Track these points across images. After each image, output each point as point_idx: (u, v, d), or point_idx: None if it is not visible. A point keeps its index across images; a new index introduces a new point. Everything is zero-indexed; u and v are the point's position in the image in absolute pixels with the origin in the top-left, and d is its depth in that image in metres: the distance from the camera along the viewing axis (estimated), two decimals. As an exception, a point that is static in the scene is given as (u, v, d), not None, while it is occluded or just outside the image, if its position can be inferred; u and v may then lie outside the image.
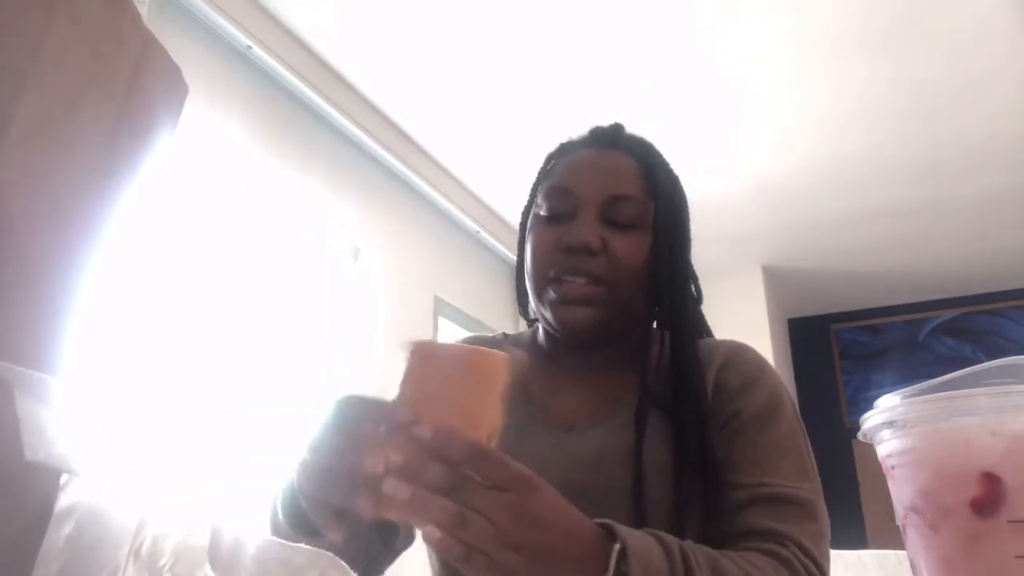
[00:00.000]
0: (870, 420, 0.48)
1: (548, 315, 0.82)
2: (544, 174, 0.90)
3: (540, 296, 0.83)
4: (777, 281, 3.75)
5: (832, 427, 3.95)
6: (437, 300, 2.72)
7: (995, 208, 3.06)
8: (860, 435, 0.49)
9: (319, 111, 2.16)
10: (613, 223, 0.81)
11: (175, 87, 0.45)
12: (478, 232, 3.00)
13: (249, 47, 1.87)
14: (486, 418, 0.55)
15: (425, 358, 0.57)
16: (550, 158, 0.92)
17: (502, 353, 0.57)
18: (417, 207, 2.67)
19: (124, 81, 0.41)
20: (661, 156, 0.89)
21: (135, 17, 0.43)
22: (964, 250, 3.49)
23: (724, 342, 0.88)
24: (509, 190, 2.88)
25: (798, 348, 4.21)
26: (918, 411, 0.44)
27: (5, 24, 0.36)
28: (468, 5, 1.91)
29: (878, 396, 0.48)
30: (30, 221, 0.35)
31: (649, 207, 0.83)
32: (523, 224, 0.91)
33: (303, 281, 2.03)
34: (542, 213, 0.85)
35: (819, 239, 3.35)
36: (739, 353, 0.86)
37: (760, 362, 0.86)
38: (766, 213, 3.08)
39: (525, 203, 0.92)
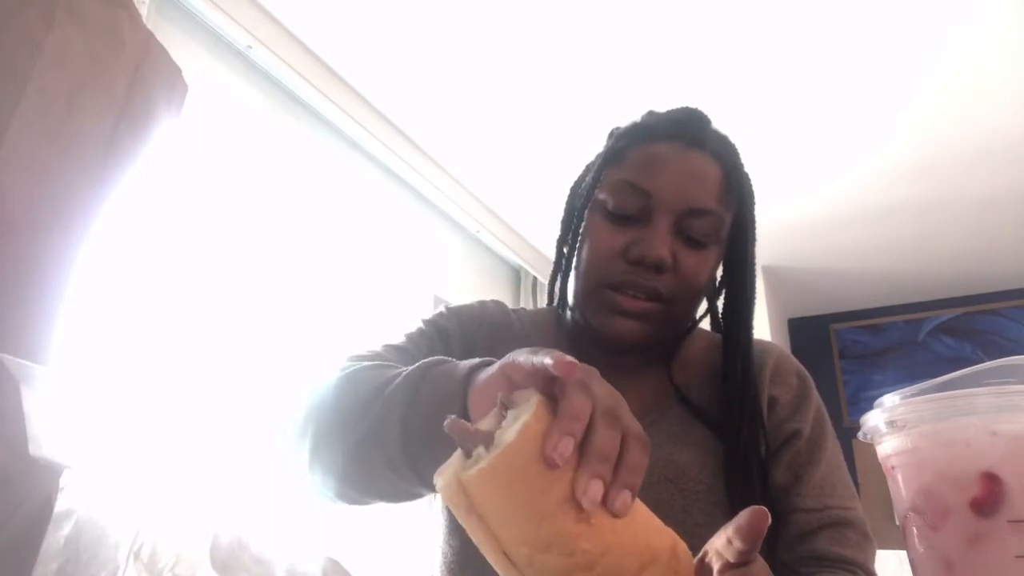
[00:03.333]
0: (870, 420, 0.48)
1: (594, 319, 0.77)
2: (613, 156, 0.80)
3: (591, 297, 0.77)
4: (777, 281, 3.75)
5: (832, 427, 3.94)
6: (437, 300, 2.72)
7: (995, 208, 3.06)
8: (860, 435, 0.49)
9: (319, 111, 2.16)
10: (687, 237, 0.75)
11: (175, 87, 0.45)
12: (478, 232, 3.00)
13: (249, 47, 1.87)
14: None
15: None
16: (621, 138, 0.81)
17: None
18: (417, 207, 2.67)
19: (124, 81, 0.41)
20: (741, 160, 0.82)
21: (135, 17, 0.43)
22: (964, 250, 3.49)
23: (764, 348, 0.84)
24: (509, 190, 2.87)
25: (798, 348, 4.21)
26: (918, 411, 0.44)
27: (5, 24, 0.36)
28: (470, 6, 1.91)
29: (878, 396, 0.48)
30: (30, 221, 0.35)
31: (725, 221, 0.78)
32: (575, 203, 0.83)
33: (301, 281, 2.03)
34: (608, 207, 0.76)
35: (819, 239, 3.35)
36: (783, 362, 0.83)
37: (801, 370, 0.83)
38: (766, 213, 3.08)
39: (578, 176, 0.85)
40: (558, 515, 0.39)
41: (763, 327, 3.47)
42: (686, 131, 0.79)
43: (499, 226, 3.11)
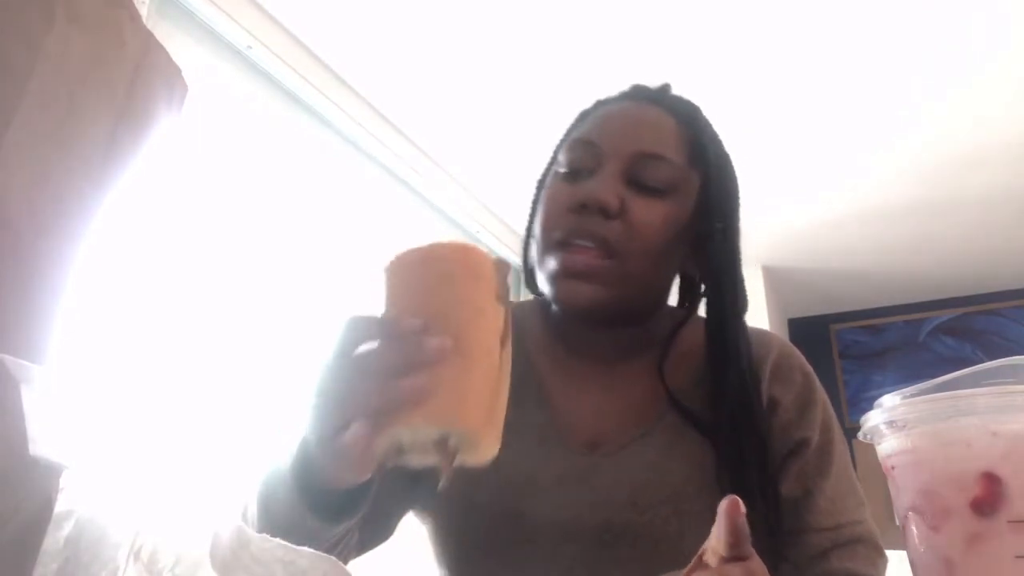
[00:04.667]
0: (870, 420, 0.48)
1: (548, 289, 0.72)
2: (572, 128, 0.80)
3: (542, 264, 0.72)
4: (777, 281, 3.74)
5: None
6: (437, 300, 2.71)
7: (995, 208, 3.06)
8: (860, 435, 0.49)
9: (319, 111, 2.16)
10: (639, 184, 0.69)
11: (175, 87, 0.45)
12: (478, 232, 3.00)
13: (249, 47, 1.87)
14: (492, 323, 0.49)
15: (404, 266, 0.50)
16: (583, 115, 0.81)
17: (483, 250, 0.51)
18: (417, 207, 2.67)
19: (124, 81, 0.41)
20: (711, 125, 0.77)
21: (135, 17, 0.42)
22: (964, 250, 3.49)
23: (763, 340, 0.78)
24: (509, 190, 2.87)
25: (798, 348, 4.20)
26: (918, 411, 0.44)
27: (5, 24, 0.36)
28: (469, 6, 1.91)
29: (878, 396, 0.48)
30: (30, 221, 0.35)
31: (687, 176, 0.71)
32: (538, 187, 0.79)
33: (301, 281, 2.03)
34: (560, 169, 0.74)
35: (819, 239, 3.35)
36: (786, 357, 0.77)
37: (804, 365, 0.78)
38: (766, 213, 3.08)
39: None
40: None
41: (763, 327, 3.47)
42: (641, 91, 0.78)
43: (499, 226, 3.11)
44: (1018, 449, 0.41)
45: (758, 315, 3.51)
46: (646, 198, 0.69)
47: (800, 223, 3.20)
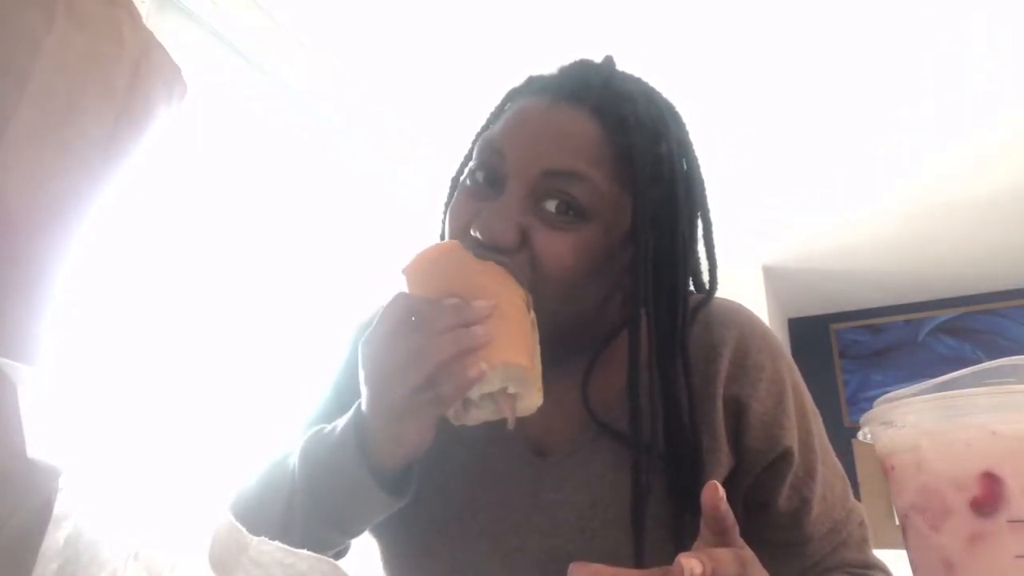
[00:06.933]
0: (870, 420, 0.48)
1: None
2: (492, 117, 0.70)
3: None
4: (777, 281, 3.74)
5: (832, 427, 3.89)
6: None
7: (995, 208, 3.06)
8: (860, 435, 0.49)
9: (319, 110, 2.16)
10: (546, 210, 0.59)
11: (175, 86, 0.45)
12: (478, 232, 3.00)
13: (249, 47, 1.87)
14: (516, 292, 0.58)
15: (424, 262, 0.61)
16: (506, 97, 0.71)
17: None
18: (418, 204, 2.67)
19: (124, 81, 0.41)
20: (653, 125, 0.63)
21: (135, 17, 0.43)
22: (964, 250, 3.49)
23: (719, 320, 0.69)
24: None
25: (798, 348, 4.21)
26: (918, 411, 0.44)
27: (5, 24, 0.36)
28: (468, 11, 1.91)
29: (878, 396, 0.48)
30: (30, 221, 0.35)
31: (612, 195, 0.60)
32: (452, 184, 0.71)
33: (301, 280, 2.03)
34: (471, 172, 0.65)
35: (819, 239, 3.35)
36: (747, 343, 0.68)
37: (770, 346, 0.69)
38: (766, 213, 3.08)
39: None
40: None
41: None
42: (565, 82, 0.64)
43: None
44: (1018, 449, 0.41)
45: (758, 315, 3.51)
46: (553, 229, 0.59)
47: (800, 223, 3.20)
